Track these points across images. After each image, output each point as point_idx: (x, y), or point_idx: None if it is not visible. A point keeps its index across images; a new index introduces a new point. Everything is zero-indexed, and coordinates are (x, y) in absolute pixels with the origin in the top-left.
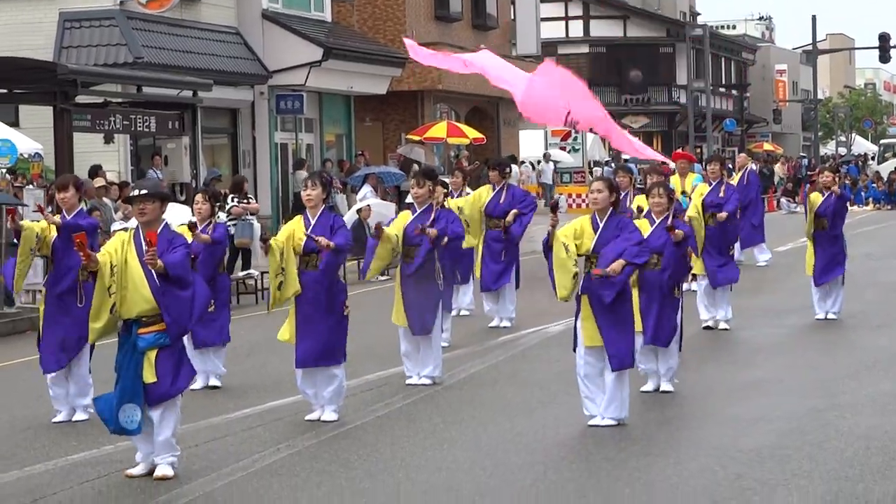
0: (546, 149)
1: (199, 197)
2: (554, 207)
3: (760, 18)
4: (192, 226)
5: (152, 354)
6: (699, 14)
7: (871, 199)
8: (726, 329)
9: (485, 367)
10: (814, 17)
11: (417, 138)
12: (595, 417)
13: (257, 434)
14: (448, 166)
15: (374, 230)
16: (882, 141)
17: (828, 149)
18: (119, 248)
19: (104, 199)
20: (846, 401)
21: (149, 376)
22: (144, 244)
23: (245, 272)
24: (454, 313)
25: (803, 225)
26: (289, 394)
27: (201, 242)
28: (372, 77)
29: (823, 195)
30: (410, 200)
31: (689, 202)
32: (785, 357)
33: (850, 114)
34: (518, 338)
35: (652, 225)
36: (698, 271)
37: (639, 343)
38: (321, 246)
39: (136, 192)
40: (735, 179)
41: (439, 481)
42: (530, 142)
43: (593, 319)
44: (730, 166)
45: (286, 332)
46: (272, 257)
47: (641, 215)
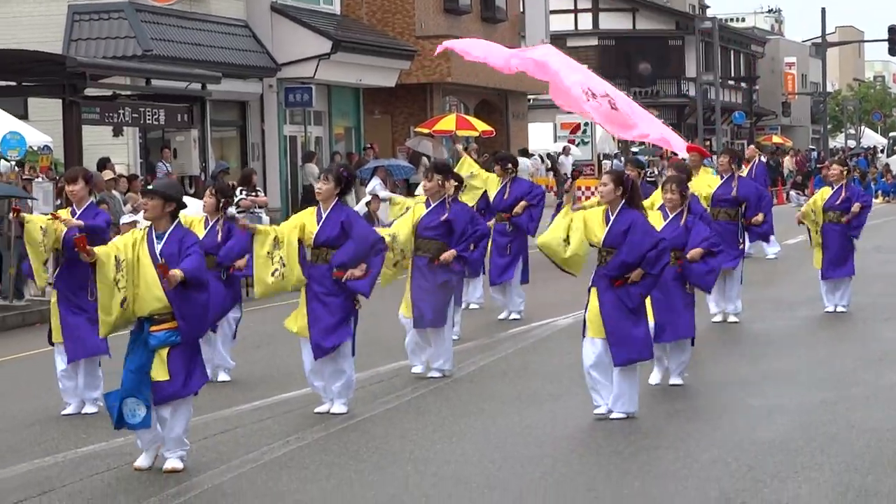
0: (555, 141)
1: (207, 191)
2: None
3: (770, 11)
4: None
5: (164, 352)
6: (708, 7)
7: (881, 192)
8: (736, 322)
9: (494, 360)
10: (823, 10)
11: (426, 131)
12: (600, 408)
13: (267, 426)
14: (457, 159)
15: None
16: (891, 134)
17: (837, 142)
18: (130, 245)
19: (113, 192)
20: (856, 393)
21: (160, 374)
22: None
23: None
24: (464, 307)
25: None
26: (298, 386)
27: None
28: (381, 70)
29: (833, 189)
30: (419, 193)
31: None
32: (795, 350)
33: (860, 106)
34: (528, 330)
35: (665, 220)
36: None
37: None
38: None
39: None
40: (744, 172)
41: (448, 474)
42: (539, 134)
43: (600, 312)
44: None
45: (293, 324)
46: (259, 244)
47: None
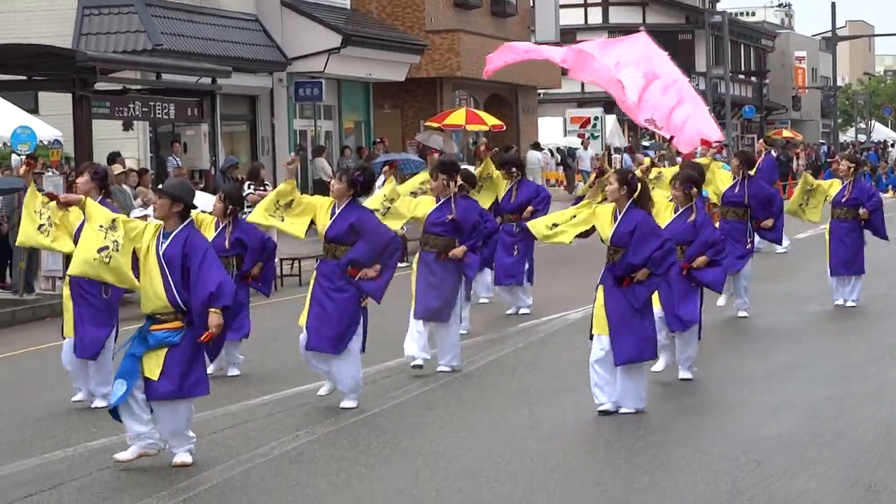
0: (565, 135)
1: (217, 196)
2: (599, 174)
3: (780, 5)
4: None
5: (162, 351)
6: (718, 0)
7: (891, 187)
8: (744, 317)
9: (504, 354)
10: (833, 4)
11: (436, 125)
12: (604, 405)
13: (276, 421)
14: (467, 153)
15: None
16: None
17: (847, 136)
18: (143, 232)
19: (123, 186)
20: (865, 388)
21: (152, 371)
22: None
23: None
24: (473, 301)
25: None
26: (308, 380)
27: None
28: (391, 64)
29: (843, 183)
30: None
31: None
32: (804, 344)
33: (870, 101)
34: (537, 325)
35: (673, 214)
36: None
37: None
38: None
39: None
40: (753, 170)
41: (458, 468)
42: (550, 128)
43: (605, 309)
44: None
45: (304, 319)
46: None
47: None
